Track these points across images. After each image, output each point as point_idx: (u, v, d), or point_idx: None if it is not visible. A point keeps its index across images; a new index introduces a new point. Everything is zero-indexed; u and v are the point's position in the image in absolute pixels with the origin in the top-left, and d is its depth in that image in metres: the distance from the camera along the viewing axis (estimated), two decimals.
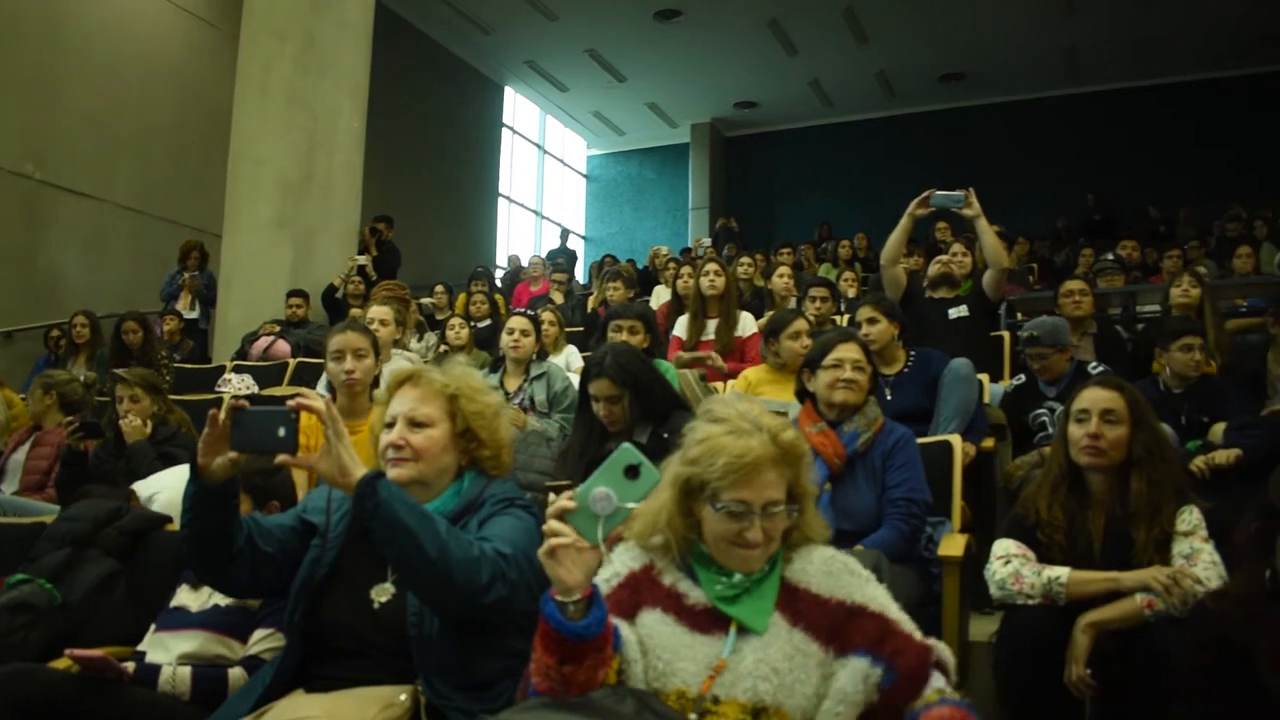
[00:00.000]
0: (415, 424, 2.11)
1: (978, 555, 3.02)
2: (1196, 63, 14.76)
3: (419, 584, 1.92)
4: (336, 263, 8.42)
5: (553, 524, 1.54)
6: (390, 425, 2.13)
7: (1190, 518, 2.53)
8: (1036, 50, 14.52)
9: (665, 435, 3.14)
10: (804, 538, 1.84)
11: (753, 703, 1.64)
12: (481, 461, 2.18)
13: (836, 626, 1.71)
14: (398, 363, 4.79)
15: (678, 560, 1.82)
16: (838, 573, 1.78)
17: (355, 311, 7.24)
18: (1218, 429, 3.83)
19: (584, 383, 3.38)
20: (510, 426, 2.27)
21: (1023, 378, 4.50)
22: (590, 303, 8.91)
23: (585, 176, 19.50)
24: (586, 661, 1.59)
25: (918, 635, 1.71)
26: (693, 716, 1.65)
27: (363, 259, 8.54)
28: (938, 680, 1.65)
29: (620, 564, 1.84)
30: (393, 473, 2.06)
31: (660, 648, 1.73)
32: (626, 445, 1.59)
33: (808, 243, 12.58)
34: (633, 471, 1.56)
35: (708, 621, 1.75)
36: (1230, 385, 4.05)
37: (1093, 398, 2.63)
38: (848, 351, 3.12)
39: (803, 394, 3.23)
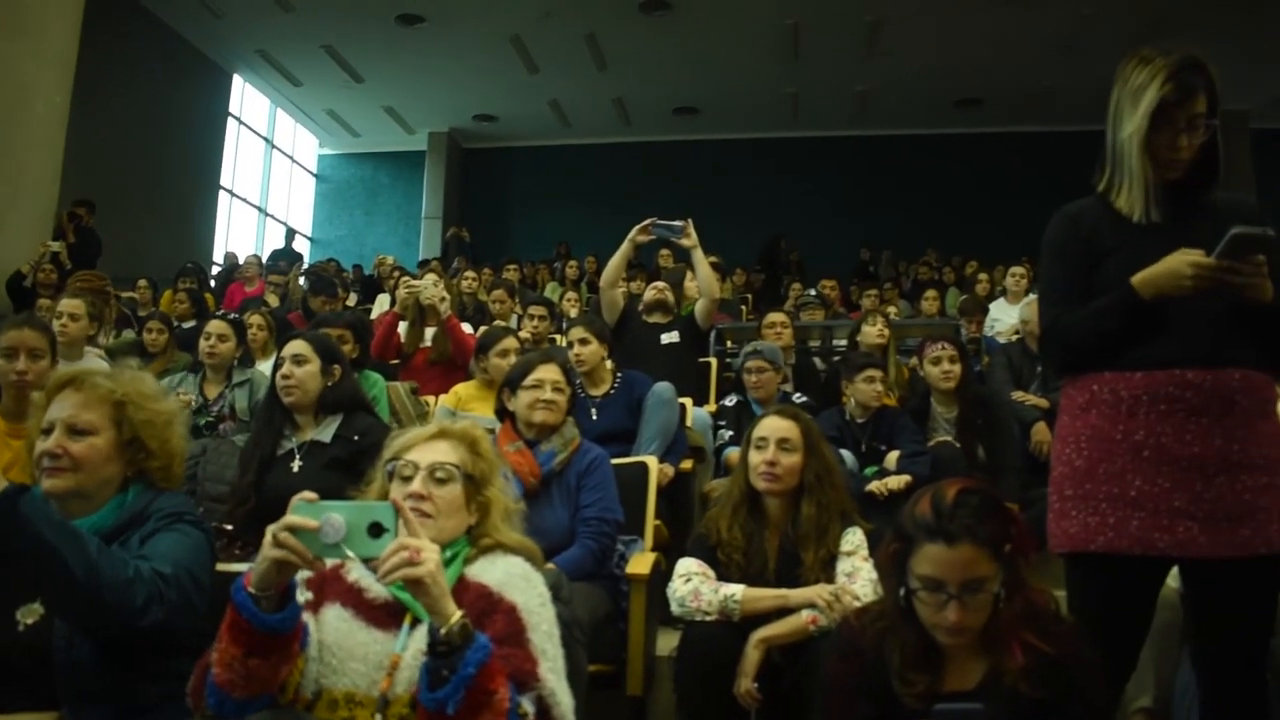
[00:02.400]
0: (75, 431, 1.96)
1: (668, 573, 3.13)
2: (903, 119, 16.04)
3: (65, 606, 1.79)
4: (27, 247, 7.74)
5: (284, 536, 1.48)
6: (48, 431, 1.96)
7: (853, 538, 2.74)
8: (764, 93, 15.30)
9: (355, 438, 3.16)
10: (496, 544, 1.86)
11: (410, 694, 1.63)
12: (150, 473, 2.05)
13: (484, 612, 1.72)
14: (91, 362, 4.47)
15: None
16: (514, 576, 1.81)
17: (45, 303, 6.69)
18: (892, 456, 4.17)
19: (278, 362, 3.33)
20: (184, 436, 2.16)
21: (735, 398, 4.71)
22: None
23: (316, 176, 18.80)
24: (274, 656, 1.56)
25: (542, 666, 1.70)
26: (378, 718, 1.64)
27: (56, 245, 7.89)
28: (525, 702, 1.63)
29: None
30: (47, 483, 1.91)
31: (335, 645, 1.71)
32: (389, 504, 1.53)
33: (543, 260, 12.69)
34: (376, 529, 1.51)
35: (385, 616, 1.74)
36: (904, 417, 4.39)
37: (771, 427, 2.81)
38: (548, 373, 3.17)
39: (502, 413, 3.25)
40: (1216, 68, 2.06)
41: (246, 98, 16.23)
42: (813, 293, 8.06)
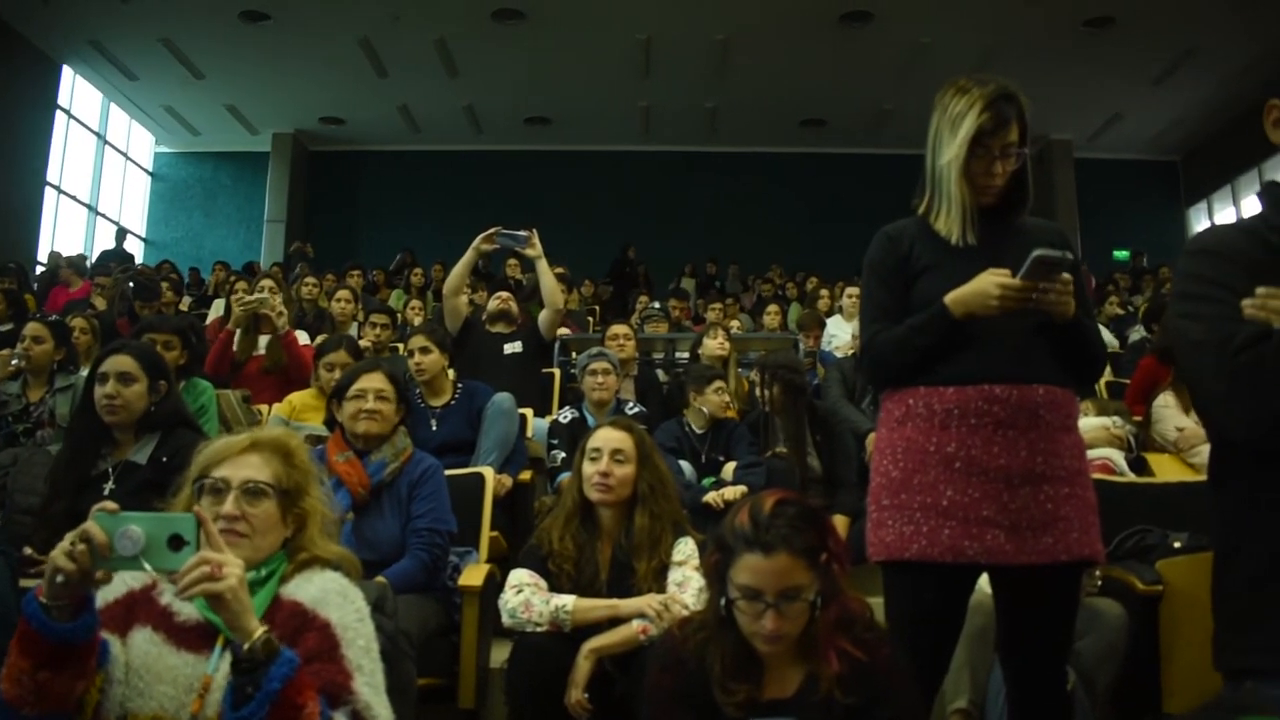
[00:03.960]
0: None
1: (504, 584, 3.11)
2: (751, 137, 16.42)
3: None
4: None
5: (78, 548, 1.43)
6: None
7: (685, 548, 2.78)
8: (616, 106, 15.41)
9: (165, 459, 2.95)
10: (313, 558, 1.82)
11: (220, 716, 1.58)
12: None
13: (297, 630, 1.68)
14: None
15: None
16: (330, 593, 1.76)
17: None
18: (729, 467, 4.24)
19: (95, 368, 3.09)
20: None
21: (571, 413, 4.70)
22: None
23: (151, 174, 17.99)
24: (67, 670, 1.49)
25: (356, 680, 1.67)
26: None
27: None
28: (339, 716, 1.62)
29: (120, 581, 1.72)
30: None
31: (143, 668, 1.64)
32: (191, 516, 1.50)
33: (381, 267, 12.43)
34: (176, 542, 1.46)
35: (197, 638, 1.68)
36: (742, 428, 4.48)
37: (605, 437, 2.82)
38: (371, 382, 3.12)
39: (332, 422, 3.19)
40: (1028, 99, 2.18)
41: (77, 90, 15.42)
42: (656, 305, 8.15)
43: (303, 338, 5.52)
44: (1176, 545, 3.18)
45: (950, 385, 2.10)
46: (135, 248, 16.10)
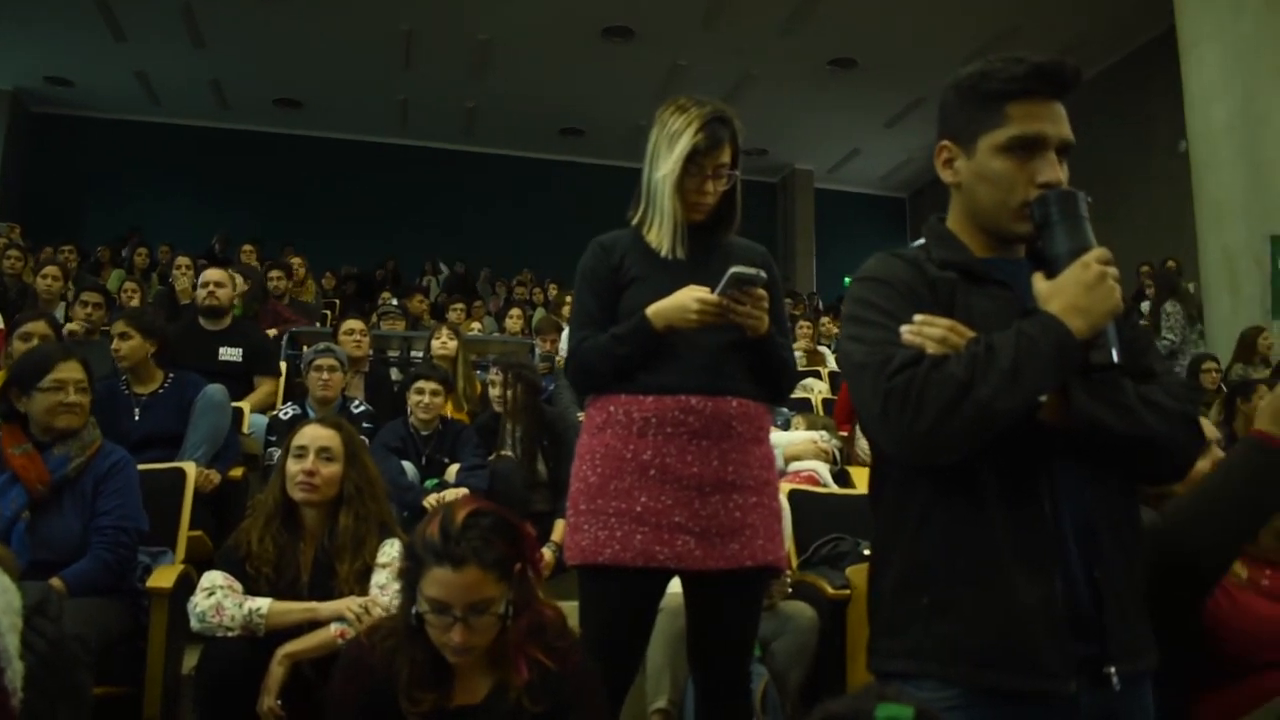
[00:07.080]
0: None
1: None
2: (510, 140, 16.44)
3: None
4: None
5: None
6: None
7: (391, 550, 2.72)
8: (373, 96, 14.97)
9: None
10: None
11: None
12: None
13: None
14: None
15: None
16: None
17: None
18: (453, 469, 4.21)
19: None
20: None
21: (291, 410, 4.54)
22: None
23: None
24: None
25: None
26: None
27: None
28: None
29: None
30: None
31: None
32: None
33: (107, 244, 11.59)
34: None
35: None
36: (469, 430, 4.46)
37: (311, 435, 2.73)
38: (71, 372, 2.89)
39: (10, 413, 2.91)
40: (741, 124, 2.28)
41: None
42: (394, 302, 8.00)
43: None
44: (866, 552, 3.39)
45: (649, 394, 2.16)
46: None
